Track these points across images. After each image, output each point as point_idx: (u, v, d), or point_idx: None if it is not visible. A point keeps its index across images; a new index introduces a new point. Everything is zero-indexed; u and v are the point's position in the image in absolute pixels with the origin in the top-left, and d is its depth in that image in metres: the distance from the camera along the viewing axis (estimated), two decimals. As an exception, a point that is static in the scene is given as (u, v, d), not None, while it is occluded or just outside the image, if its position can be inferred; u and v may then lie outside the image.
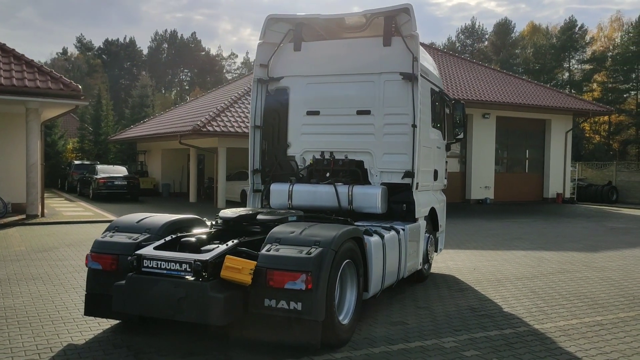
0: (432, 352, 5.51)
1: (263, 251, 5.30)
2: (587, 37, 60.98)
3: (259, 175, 8.86)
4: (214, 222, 6.74)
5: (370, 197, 7.84)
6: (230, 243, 5.53)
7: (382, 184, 8.12)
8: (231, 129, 20.44)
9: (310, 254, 5.14)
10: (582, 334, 6.24)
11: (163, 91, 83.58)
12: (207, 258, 5.13)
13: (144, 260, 5.27)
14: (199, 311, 4.98)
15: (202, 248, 5.71)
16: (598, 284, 8.91)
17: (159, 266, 5.23)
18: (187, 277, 5.14)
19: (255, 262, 5.14)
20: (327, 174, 8.35)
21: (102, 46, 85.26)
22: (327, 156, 8.44)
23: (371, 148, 8.25)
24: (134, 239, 5.85)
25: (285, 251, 5.24)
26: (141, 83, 45.92)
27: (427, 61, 8.69)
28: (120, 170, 25.89)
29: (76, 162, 32.21)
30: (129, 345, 5.52)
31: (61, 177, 32.28)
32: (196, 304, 4.98)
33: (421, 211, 8.23)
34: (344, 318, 5.69)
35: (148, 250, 5.44)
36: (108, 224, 6.33)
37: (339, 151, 8.40)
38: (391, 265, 6.91)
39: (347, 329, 5.68)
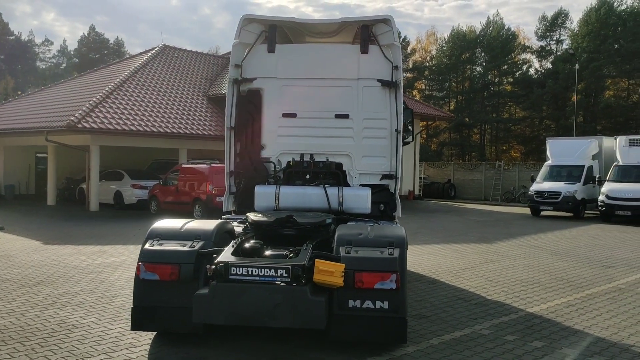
0: (480, 340, 6.05)
1: (343, 254, 5.39)
2: (409, 48, 66.79)
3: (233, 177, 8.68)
4: (245, 226, 6.58)
5: (361, 198, 8.14)
6: (305, 247, 5.53)
7: (361, 185, 8.48)
8: (109, 126, 19.01)
9: (392, 254, 5.37)
10: (568, 313, 7.25)
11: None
12: (304, 262, 5.10)
13: (232, 268, 5.07)
14: (300, 316, 4.95)
15: (266, 253, 5.64)
16: (528, 271, 10.18)
17: (250, 273, 5.06)
18: (277, 282, 5.06)
19: (344, 265, 5.23)
20: (308, 176, 8.47)
21: None
22: (306, 158, 8.56)
23: (350, 151, 8.54)
24: (190, 247, 5.54)
25: (366, 253, 5.39)
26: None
27: None
28: (-43, 170, 22.61)
29: None
30: (202, 357, 5.25)
31: None
32: (296, 309, 4.94)
33: (399, 210, 8.76)
34: (400, 313, 6.00)
35: (229, 257, 5.22)
36: (148, 232, 5.81)
37: (318, 153, 8.55)
38: None
39: (402, 324, 6.00)
